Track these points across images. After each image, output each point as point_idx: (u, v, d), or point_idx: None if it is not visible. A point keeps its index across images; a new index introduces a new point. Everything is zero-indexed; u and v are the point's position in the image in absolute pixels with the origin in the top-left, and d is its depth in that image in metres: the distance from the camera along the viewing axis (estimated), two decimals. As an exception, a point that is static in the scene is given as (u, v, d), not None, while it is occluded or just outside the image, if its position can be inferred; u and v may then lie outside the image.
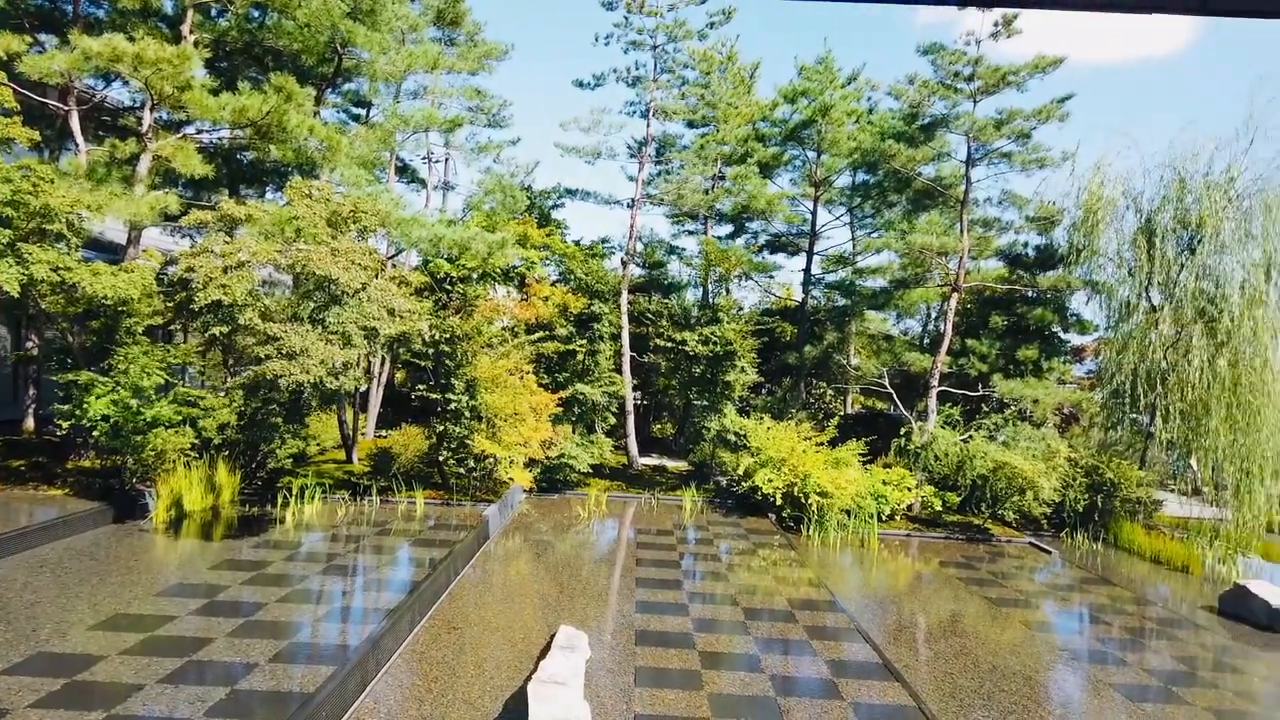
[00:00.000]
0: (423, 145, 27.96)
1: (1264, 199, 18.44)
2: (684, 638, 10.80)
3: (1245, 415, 17.75)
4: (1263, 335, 18.05)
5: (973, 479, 19.23)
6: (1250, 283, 18.34)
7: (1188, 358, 18.50)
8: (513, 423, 18.67)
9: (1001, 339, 23.14)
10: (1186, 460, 19.28)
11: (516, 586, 13.10)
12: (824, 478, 18.26)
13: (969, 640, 11.76)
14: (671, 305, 26.87)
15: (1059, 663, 11.32)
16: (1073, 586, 15.65)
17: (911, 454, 20.16)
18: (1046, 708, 9.64)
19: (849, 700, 9.12)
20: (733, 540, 17.28)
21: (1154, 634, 12.88)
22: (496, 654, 9.80)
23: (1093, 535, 18.94)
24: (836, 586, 14.28)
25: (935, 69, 20.79)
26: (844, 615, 12.40)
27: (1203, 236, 18.91)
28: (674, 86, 24.59)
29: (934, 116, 21.43)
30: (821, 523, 17.98)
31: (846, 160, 24.66)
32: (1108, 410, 20.60)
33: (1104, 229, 20.05)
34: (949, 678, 10.10)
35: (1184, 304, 18.93)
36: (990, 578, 15.47)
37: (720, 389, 23.45)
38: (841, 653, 10.77)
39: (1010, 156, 21.40)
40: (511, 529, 17.00)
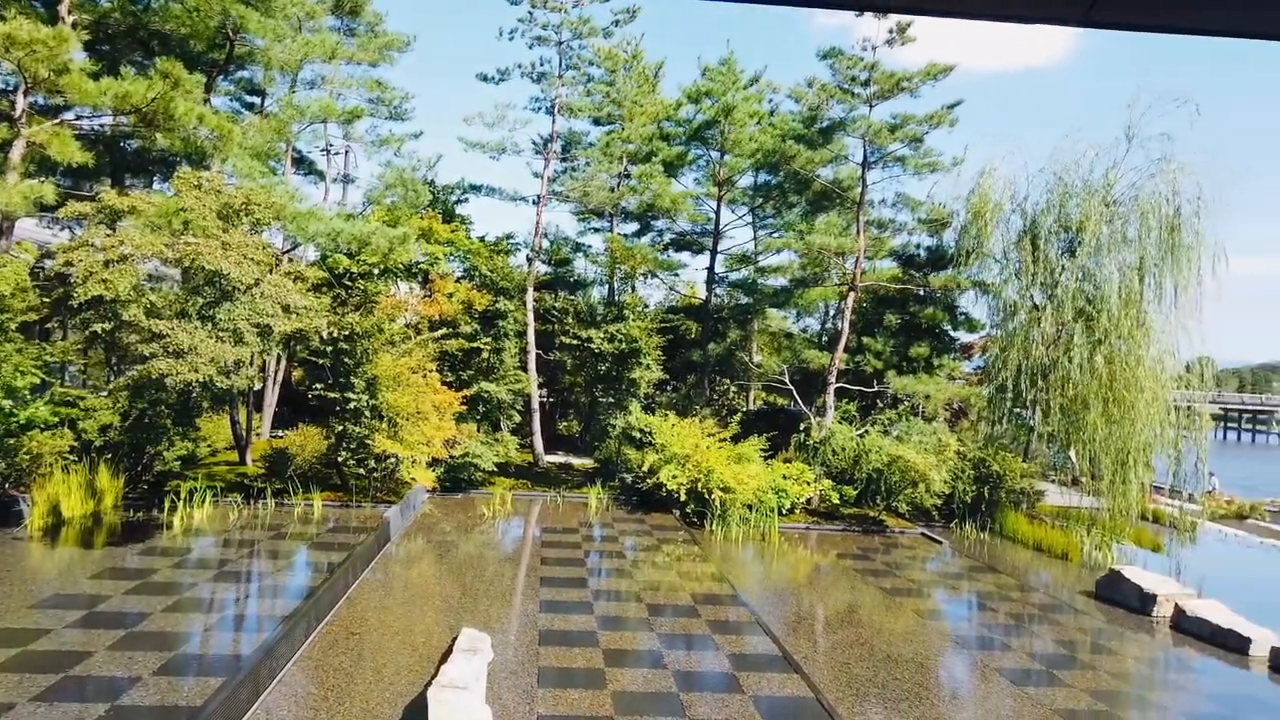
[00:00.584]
0: (321, 136, 27.15)
1: (1139, 205, 19.58)
2: (588, 636, 10.84)
3: (1120, 409, 18.82)
4: (1136, 334, 19.17)
5: (869, 472, 19.83)
6: (1126, 284, 19.45)
7: (1068, 355, 19.50)
8: (415, 421, 18.36)
9: (895, 337, 23.93)
10: (1066, 452, 20.33)
11: (419, 589, 12.91)
12: (727, 473, 18.55)
13: (865, 630, 12.14)
14: (577, 303, 26.84)
15: (949, 649, 11.80)
16: (961, 575, 16.33)
17: (811, 449, 20.66)
18: (937, 694, 10.04)
19: (750, 693, 9.31)
20: (638, 537, 17.40)
21: (1036, 619, 13.54)
22: (397, 659, 9.64)
23: (980, 525, 19.79)
24: (739, 580, 14.55)
25: (833, 73, 21.33)
26: (745, 609, 12.64)
27: (1083, 239, 19.94)
28: (579, 83, 24.55)
29: (832, 120, 21.99)
30: (724, 518, 18.27)
31: (749, 161, 25.07)
32: (994, 405, 21.55)
33: (991, 231, 20.95)
34: (846, 667, 10.42)
35: (1065, 304, 19.93)
36: (885, 568, 16.00)
37: (626, 386, 23.55)
38: (743, 646, 10.98)
39: (904, 160, 22.14)
40: (414, 530, 16.73)
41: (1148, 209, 19.18)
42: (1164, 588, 13.76)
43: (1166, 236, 18.79)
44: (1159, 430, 18.65)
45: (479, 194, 27.97)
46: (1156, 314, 19.14)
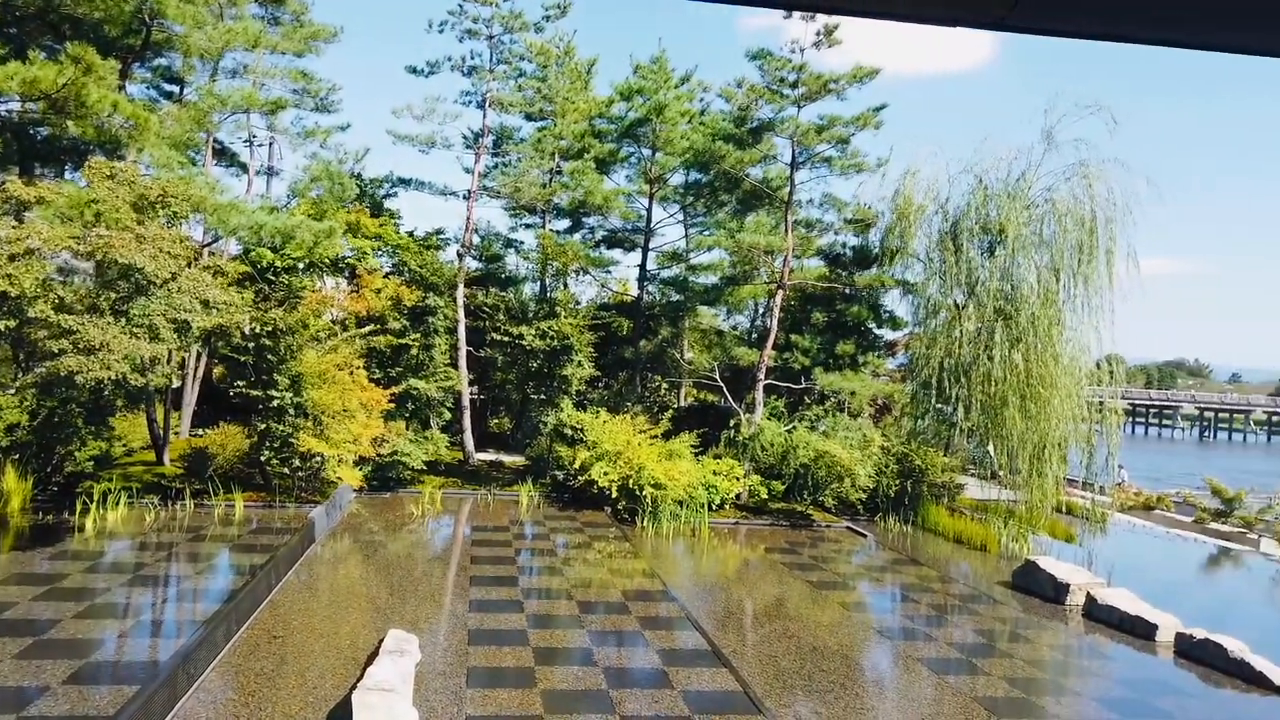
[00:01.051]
0: (244, 128, 26.39)
1: (1055, 207, 20.27)
2: (518, 635, 10.80)
3: (1037, 405, 19.48)
4: (1053, 332, 19.85)
5: (796, 468, 20.16)
6: (1043, 284, 20.12)
7: (988, 352, 20.10)
8: (341, 419, 18.02)
9: (823, 334, 24.36)
10: (985, 447, 20.96)
11: (344, 590, 12.69)
12: (658, 470, 18.67)
13: (792, 623, 12.36)
14: (509, 299, 26.66)
15: (873, 641, 12.09)
16: (885, 568, 16.73)
17: (740, 445, 20.92)
18: (861, 684, 10.28)
19: (679, 689, 9.40)
20: (569, 534, 17.40)
21: (956, 610, 13.95)
22: (321, 662, 9.47)
23: (903, 518, 20.27)
24: (669, 576, 14.66)
25: (763, 74, 21.60)
26: (676, 604, 12.75)
27: (1002, 240, 20.57)
28: (511, 78, 24.37)
29: (761, 120, 22.26)
30: (655, 514, 18.38)
31: (680, 159, 25.22)
32: (917, 401, 22.09)
33: (914, 231, 21.46)
34: (773, 660, 10.59)
35: (985, 303, 20.53)
36: (811, 562, 16.30)
37: (557, 383, 23.50)
38: (673, 641, 11.08)
39: (831, 161, 22.54)
40: (340, 530, 16.44)
41: (1064, 211, 19.87)
42: (1076, 577, 14.29)
43: (1081, 238, 19.50)
44: (1073, 425, 19.37)
45: (408, 188, 27.57)
46: (1071, 313, 19.84)
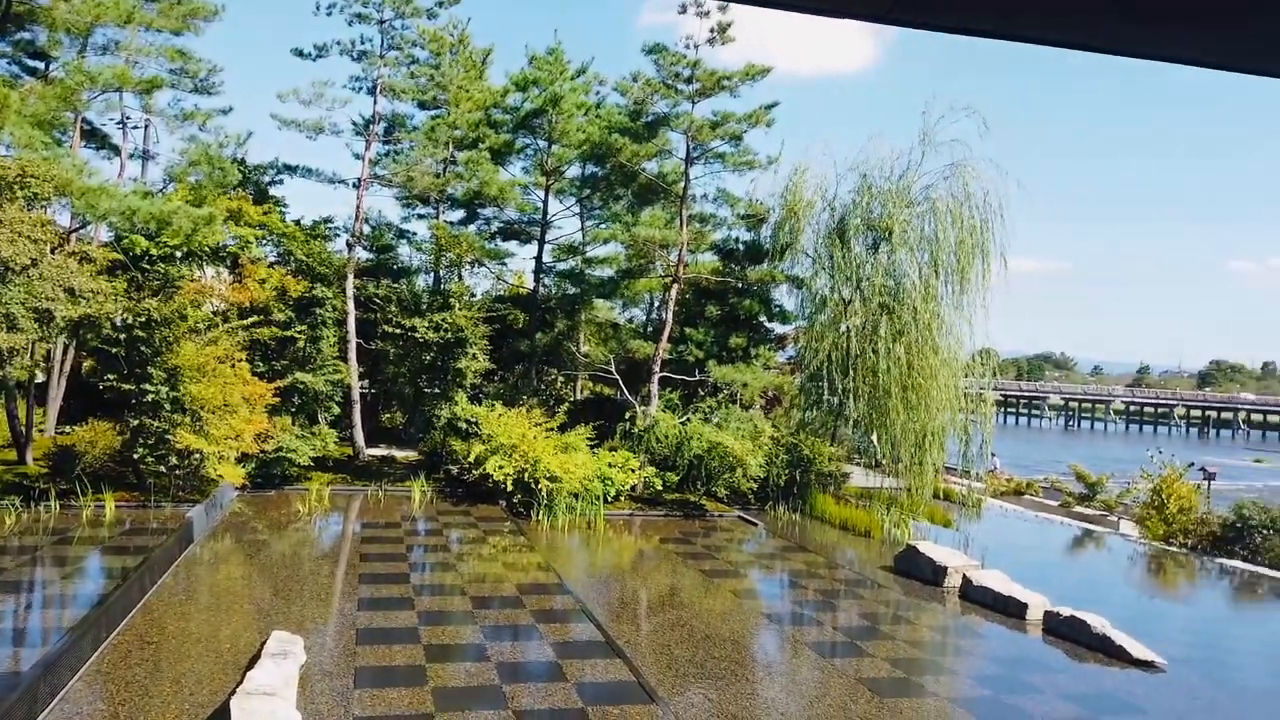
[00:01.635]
0: (116, 108, 24.93)
1: (934, 205, 21.14)
2: (409, 633, 10.63)
3: (918, 396, 20.33)
4: (933, 326, 20.74)
5: (690, 459, 20.45)
6: (924, 279, 20.98)
7: (873, 346, 20.84)
8: (222, 415, 17.31)
9: (716, 327, 24.73)
10: (870, 436, 21.73)
11: (225, 592, 12.23)
12: (554, 463, 18.63)
13: (685, 612, 12.55)
14: (401, 290, 26.09)
15: (763, 627, 12.40)
16: (775, 555, 17.16)
17: (636, 437, 21.08)
18: (752, 669, 10.54)
19: (573, 681, 9.43)
20: (463, 529, 17.20)
21: (842, 594, 14.43)
22: (198, 668, 9.10)
23: (792, 507, 20.82)
24: (564, 569, 14.67)
25: (658, 69, 21.74)
26: (571, 597, 12.77)
27: (886, 237, 21.34)
28: (403, 65, 23.79)
29: (657, 114, 22.42)
30: (551, 507, 18.34)
31: (577, 151, 25.15)
32: (806, 393, 22.74)
33: (804, 227, 22.07)
34: (667, 649, 10.73)
35: (871, 297, 21.28)
36: (704, 551, 16.57)
37: (452, 376, 23.15)
38: (568, 634, 11.11)
39: (724, 157, 22.89)
40: (221, 530, 15.80)
41: (943, 210, 20.76)
42: (953, 560, 14.96)
43: (960, 236, 20.41)
44: (951, 415, 20.31)
45: (295, 175, 26.59)
46: (949, 308, 20.77)
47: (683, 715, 8.66)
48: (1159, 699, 10.00)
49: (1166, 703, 9.91)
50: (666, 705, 8.86)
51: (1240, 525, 18.61)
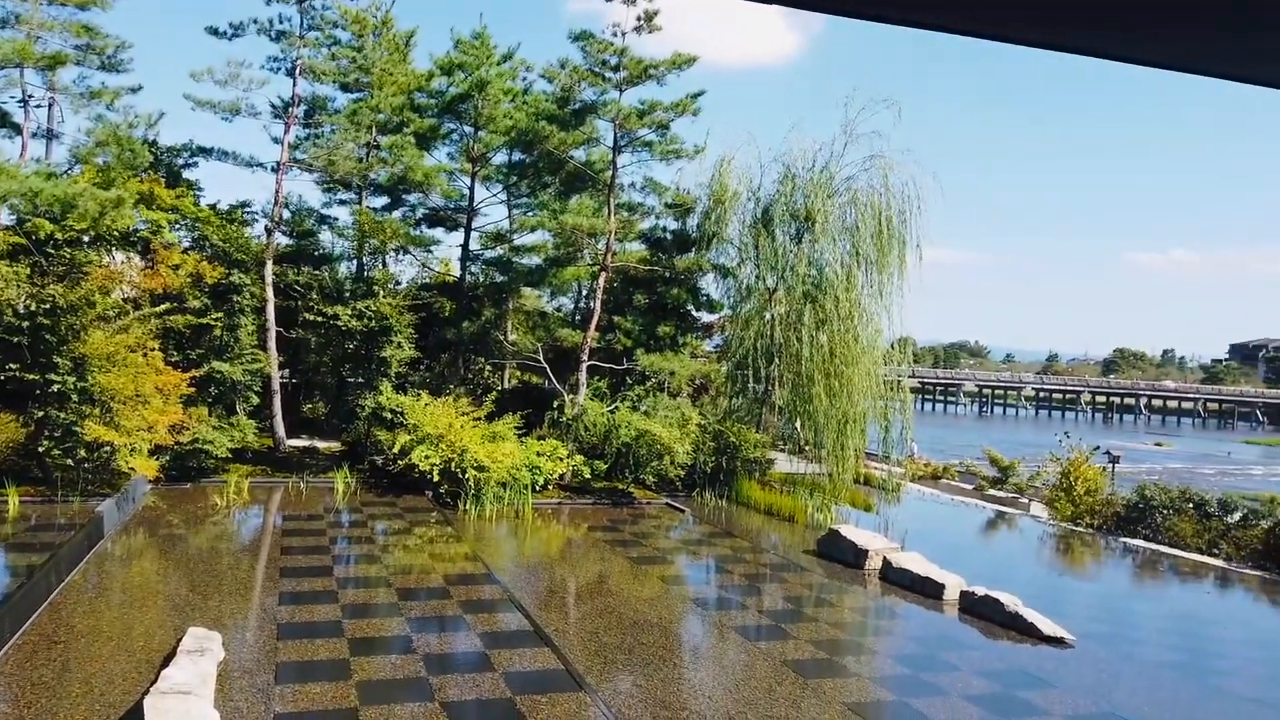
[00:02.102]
0: (16, 84, 23.71)
1: (855, 196, 21.58)
2: (333, 626, 10.46)
3: (840, 383, 20.76)
4: (854, 315, 21.20)
5: (618, 447, 20.53)
6: (845, 269, 21.40)
7: (797, 334, 21.19)
8: (134, 405, 16.69)
9: (644, 316, 24.82)
10: (794, 423, 22.13)
11: (138, 589, 11.84)
12: (481, 452, 18.49)
13: (613, 599, 12.62)
14: (323, 277, 25.48)
15: (690, 612, 12.56)
16: (702, 541, 17.38)
17: (564, 425, 21.06)
18: (679, 655, 10.67)
19: (501, 670, 9.42)
20: (388, 520, 16.97)
21: (766, 578, 14.71)
22: (110, 667, 8.80)
23: (719, 493, 21.08)
24: (492, 559, 14.60)
25: (585, 56, 21.65)
26: (499, 586, 12.73)
27: (810, 227, 21.69)
28: (324, 46, 23.16)
29: (584, 102, 22.33)
30: (478, 496, 18.21)
31: (504, 138, 24.87)
32: (732, 380, 23.04)
33: (729, 217, 22.30)
34: (595, 636, 10.79)
35: (795, 287, 21.63)
36: (633, 538, 16.68)
37: (376, 365, 22.75)
38: (495, 624, 11.07)
39: (652, 146, 22.94)
40: (133, 525, 15.28)
41: (863, 201, 21.21)
42: (874, 543, 15.37)
43: (879, 227, 20.87)
44: (872, 402, 20.80)
45: (210, 158, 25.67)
46: (869, 297, 21.24)
47: (611, 702, 8.73)
48: (1067, 673, 10.46)
49: (1074, 677, 10.37)
50: (595, 692, 8.92)
51: (1143, 506, 19.52)
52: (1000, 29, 3.29)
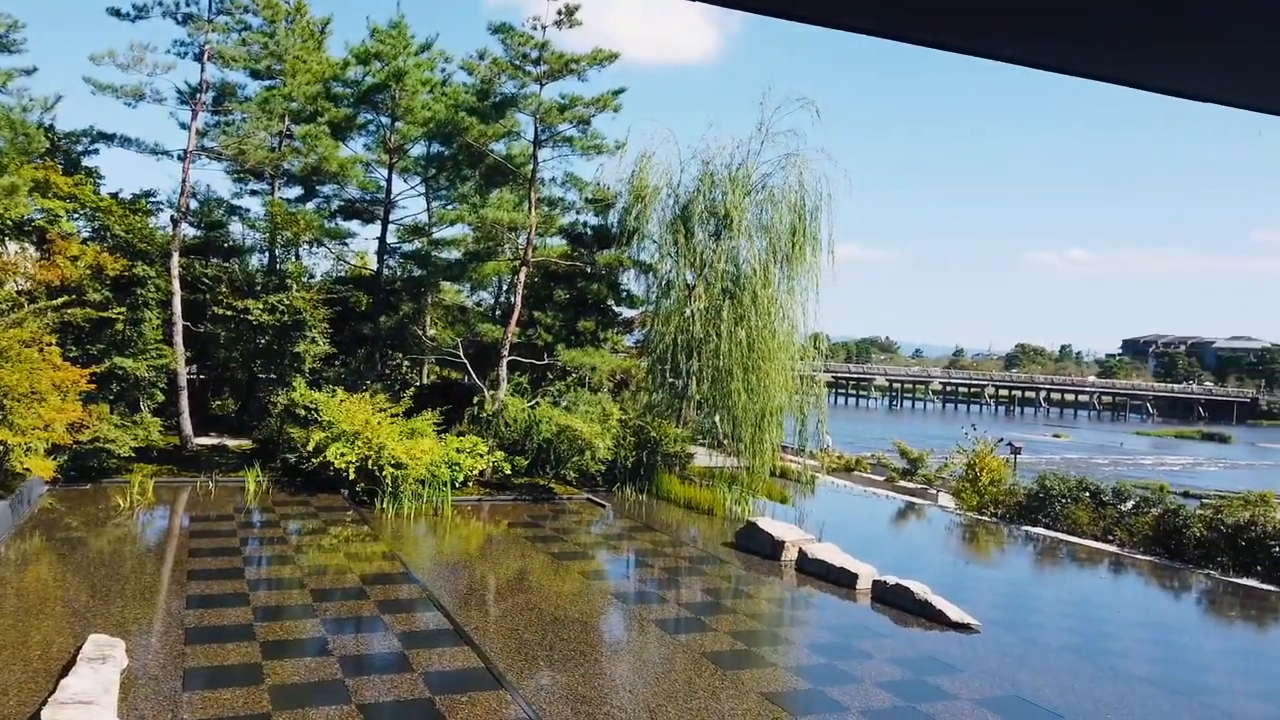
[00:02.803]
0: (-108, 61, 22.29)
1: (771, 194, 21.98)
2: (244, 630, 10.19)
3: (758, 378, 21.12)
4: (771, 310, 21.59)
5: (539, 442, 20.48)
6: (762, 266, 21.77)
7: (716, 329, 21.47)
8: (29, 403, 15.90)
9: (565, 311, 24.79)
10: (713, 417, 22.43)
11: (34, 595, 11.33)
12: (399, 449, 18.22)
13: (534, 595, 12.62)
14: (233, 270, 24.71)
15: (611, 606, 12.64)
16: (622, 535, 17.49)
17: (484, 421, 20.90)
18: (600, 650, 10.74)
19: (420, 670, 9.33)
20: (302, 520, 16.60)
21: (686, 571, 14.88)
22: (4, 677, 8.40)
23: (639, 488, 21.20)
24: (410, 557, 14.42)
25: (505, 49, 21.46)
26: (417, 585, 12.59)
27: (728, 224, 21.98)
28: (234, 30, 22.42)
29: (505, 95, 22.15)
30: (396, 494, 17.94)
31: (422, 129, 24.47)
32: (652, 375, 23.20)
33: (649, 213, 22.45)
34: (515, 633, 10.77)
35: (713, 283, 21.91)
36: (553, 534, 16.67)
37: (289, 361, 22.21)
38: (414, 624, 10.96)
39: (573, 141, 22.89)
40: (28, 528, 14.59)
41: (779, 199, 21.63)
42: (790, 535, 15.69)
43: (794, 224, 21.30)
44: (788, 396, 21.24)
45: (112, 144, 24.58)
46: (786, 293, 21.67)
47: (532, 699, 8.74)
48: (974, 658, 10.89)
49: (980, 661, 10.80)
50: (515, 690, 8.92)
51: (1043, 495, 20.40)
52: (899, 30, 3.44)
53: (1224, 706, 9.81)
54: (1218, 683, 10.75)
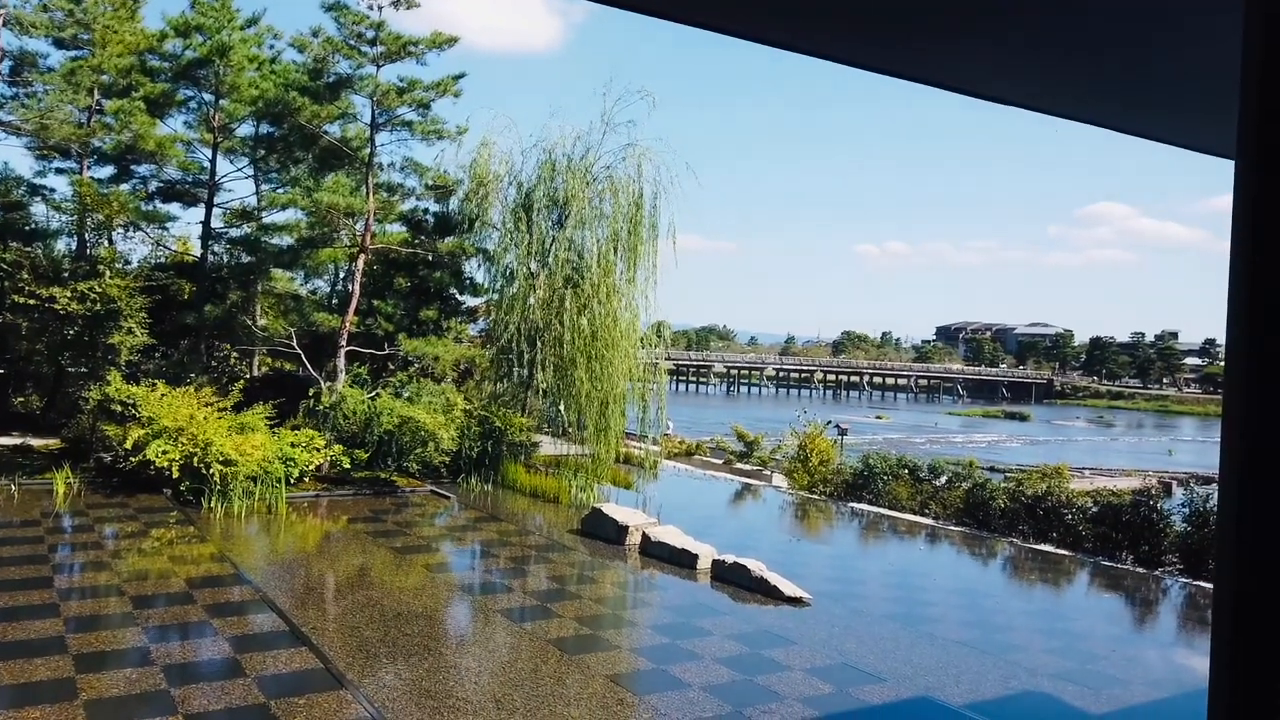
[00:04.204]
0: None
1: (612, 184, 22.28)
2: (54, 643, 9.51)
3: (601, 365, 21.44)
4: (613, 299, 21.94)
5: (380, 435, 20.01)
6: (604, 255, 22.07)
7: (559, 318, 21.61)
8: None
9: (406, 300, 24.24)
10: (558, 406, 22.59)
11: None
12: (228, 445, 17.35)
13: (376, 591, 12.38)
14: (36, 255, 22.71)
15: (456, 599, 12.60)
16: (467, 526, 17.39)
17: (321, 414, 20.21)
18: (445, 643, 10.70)
19: (254, 675, 9.02)
20: (120, 523, 15.57)
21: (532, 560, 14.99)
22: None
23: (484, 478, 21.10)
24: (242, 558, 13.83)
25: (340, 28, 20.69)
26: (249, 587, 12.11)
27: (569, 213, 22.13)
28: (31, -7, 20.58)
29: (339, 75, 21.36)
30: (225, 493, 17.09)
31: (249, 109, 23.21)
32: (496, 365, 23.11)
33: (492, 201, 22.33)
34: (356, 631, 10.56)
35: (556, 271, 22.02)
36: (396, 528, 16.38)
37: (102, 353, 20.69)
38: (246, 627, 10.55)
39: (412, 125, 22.37)
40: None
41: (619, 188, 21.98)
42: (634, 519, 16.07)
43: (634, 213, 21.72)
44: (631, 383, 21.68)
45: (-116, 114, 22.07)
46: (627, 282, 22.07)
47: (374, 697, 8.63)
48: (806, 630, 11.55)
49: (812, 632, 11.47)
50: (356, 689, 8.78)
51: (867, 473, 21.76)
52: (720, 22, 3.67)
53: (1026, 663, 10.84)
54: (1020, 641, 11.85)
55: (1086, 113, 4.85)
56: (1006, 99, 4.63)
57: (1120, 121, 5.01)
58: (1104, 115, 4.86)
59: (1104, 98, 4.52)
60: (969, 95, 4.41)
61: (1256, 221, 1.52)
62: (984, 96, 4.52)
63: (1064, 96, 4.69)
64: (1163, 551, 16.55)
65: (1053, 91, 4.58)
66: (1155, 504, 17.27)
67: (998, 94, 4.60)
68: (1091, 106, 4.75)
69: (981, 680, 10.15)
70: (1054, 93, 4.60)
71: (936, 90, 4.48)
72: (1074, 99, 4.70)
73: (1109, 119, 4.91)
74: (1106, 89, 4.38)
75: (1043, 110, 4.65)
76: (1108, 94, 4.45)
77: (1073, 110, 4.86)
